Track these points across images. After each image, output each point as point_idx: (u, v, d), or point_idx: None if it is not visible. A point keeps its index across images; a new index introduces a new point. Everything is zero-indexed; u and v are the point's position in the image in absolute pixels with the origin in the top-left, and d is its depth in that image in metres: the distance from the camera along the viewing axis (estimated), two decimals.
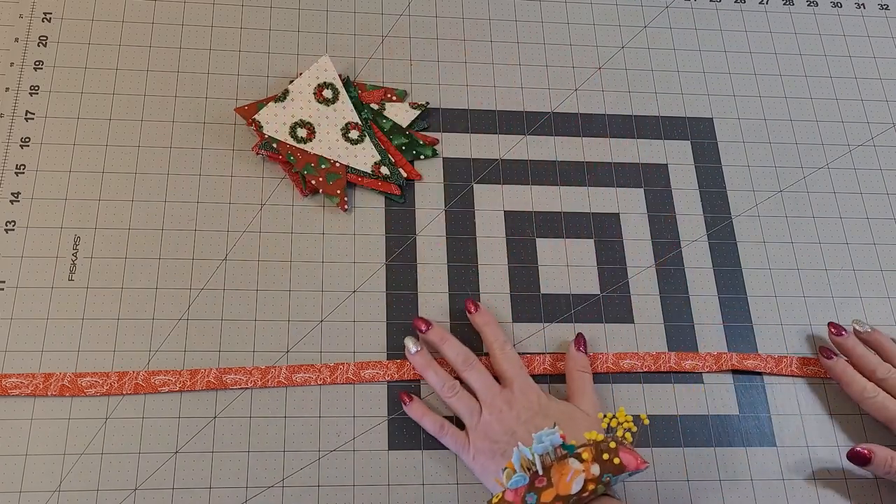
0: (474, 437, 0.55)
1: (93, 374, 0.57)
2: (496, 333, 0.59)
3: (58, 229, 0.61)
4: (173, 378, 0.57)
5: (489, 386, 0.57)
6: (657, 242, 0.66)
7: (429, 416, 0.57)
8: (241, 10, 0.69)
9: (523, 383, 0.57)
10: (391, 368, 0.59)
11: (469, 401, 0.57)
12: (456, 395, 0.57)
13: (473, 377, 0.57)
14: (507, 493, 0.48)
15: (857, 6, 0.78)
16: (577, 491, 0.46)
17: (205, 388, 0.57)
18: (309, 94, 0.65)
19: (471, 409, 0.56)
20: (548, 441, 0.47)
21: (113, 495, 0.54)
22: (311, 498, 0.56)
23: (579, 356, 0.59)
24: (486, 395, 0.56)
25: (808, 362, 0.63)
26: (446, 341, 0.59)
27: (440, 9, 0.72)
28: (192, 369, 0.58)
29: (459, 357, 0.58)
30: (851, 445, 0.58)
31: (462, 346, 0.58)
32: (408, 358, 0.59)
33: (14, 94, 0.64)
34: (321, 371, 0.59)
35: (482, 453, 0.54)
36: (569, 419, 0.55)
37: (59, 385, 0.56)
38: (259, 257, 0.62)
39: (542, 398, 0.56)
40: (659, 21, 0.74)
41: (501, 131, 0.68)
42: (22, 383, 0.56)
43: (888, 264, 0.67)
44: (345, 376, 0.59)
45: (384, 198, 0.65)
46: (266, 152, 0.64)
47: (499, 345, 0.58)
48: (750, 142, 0.71)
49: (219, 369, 0.58)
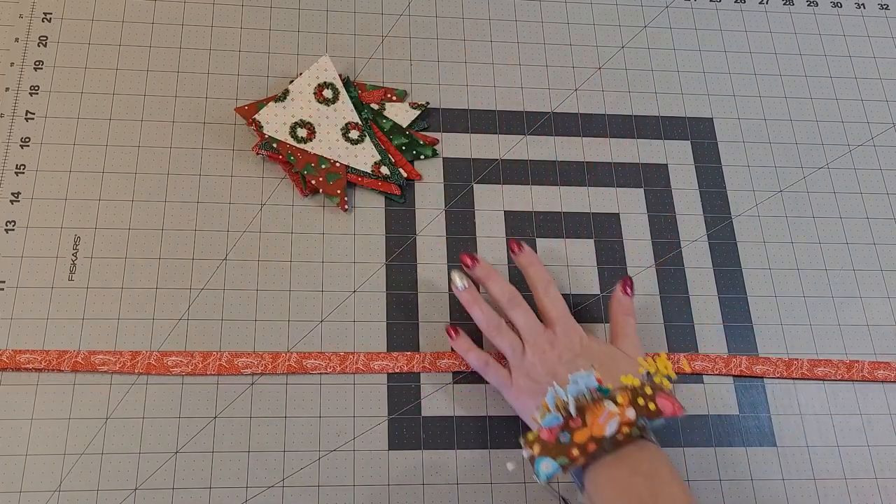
0: (516, 375, 0.55)
1: (105, 352, 0.57)
2: (540, 274, 0.58)
3: (58, 229, 0.61)
4: (185, 360, 0.57)
5: (533, 325, 0.57)
6: (657, 242, 0.66)
7: (474, 352, 0.57)
8: (241, 10, 0.70)
9: (566, 324, 0.57)
10: (401, 360, 0.59)
11: (513, 338, 0.57)
12: (500, 332, 0.57)
13: (518, 315, 0.57)
14: (542, 432, 0.48)
15: (857, 6, 0.78)
16: (611, 433, 0.47)
17: (216, 373, 0.57)
18: (309, 94, 0.65)
19: (514, 347, 0.56)
20: (583, 383, 0.48)
21: (113, 495, 0.54)
22: (311, 498, 0.56)
23: (625, 299, 0.59)
24: (530, 335, 0.56)
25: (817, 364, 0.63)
26: (492, 278, 0.58)
27: (440, 9, 0.72)
28: (203, 352, 0.58)
29: (505, 295, 0.58)
30: (851, 444, 0.58)
31: (507, 284, 0.58)
32: (454, 293, 0.59)
33: (14, 94, 0.64)
34: (331, 359, 0.59)
35: (523, 391, 0.55)
36: (611, 360, 0.54)
37: (73, 362, 0.56)
38: (259, 257, 0.62)
39: (585, 339, 0.56)
40: (659, 21, 0.74)
41: (501, 131, 0.68)
42: (35, 359, 0.56)
43: (888, 264, 0.67)
44: (354, 366, 0.59)
45: (384, 198, 0.65)
46: (266, 152, 0.64)
47: (543, 286, 0.58)
48: (750, 142, 0.71)
49: (230, 353, 0.58)
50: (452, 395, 0.59)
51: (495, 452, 0.58)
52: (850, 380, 0.63)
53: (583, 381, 0.48)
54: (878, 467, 0.60)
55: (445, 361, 0.60)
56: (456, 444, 0.58)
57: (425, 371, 0.59)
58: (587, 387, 0.48)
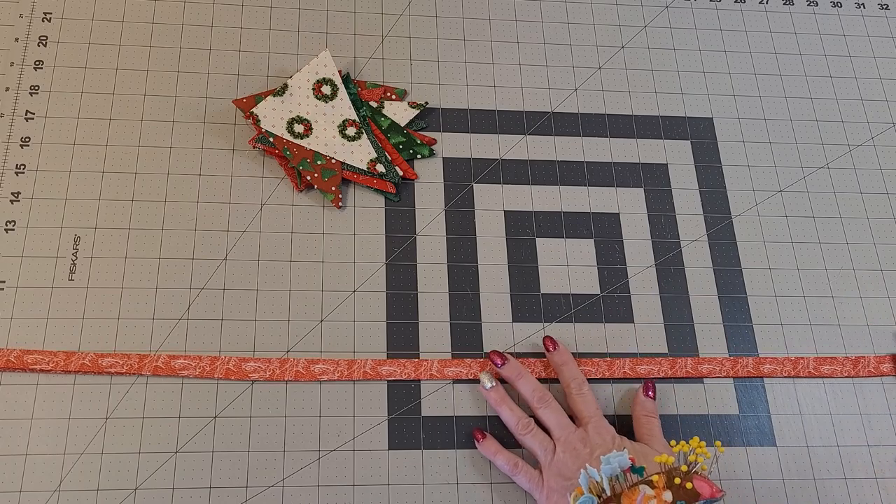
0: (548, 475, 0.55)
1: (112, 354, 0.57)
2: (574, 373, 0.59)
3: (58, 229, 0.61)
4: (193, 363, 0.57)
5: (564, 425, 0.56)
6: (657, 242, 0.66)
7: (502, 454, 0.57)
8: (241, 10, 0.69)
9: (599, 424, 0.56)
10: (409, 367, 0.59)
11: (543, 438, 0.56)
12: (531, 432, 0.56)
13: (548, 415, 0.57)
14: None
15: (857, 6, 0.78)
16: None
17: (223, 377, 0.57)
18: (307, 90, 0.65)
19: (545, 447, 0.56)
20: (616, 462, 0.47)
21: (113, 495, 0.54)
22: (311, 498, 0.56)
23: (647, 402, 0.59)
24: (561, 433, 0.56)
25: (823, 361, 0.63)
26: (522, 377, 0.58)
27: (440, 9, 0.72)
28: (211, 356, 0.58)
29: (536, 394, 0.57)
30: (851, 445, 0.58)
31: (538, 383, 0.58)
32: (482, 393, 0.59)
33: (14, 94, 0.64)
34: (339, 364, 0.59)
35: (556, 492, 0.54)
36: (643, 458, 0.55)
37: (80, 363, 0.56)
38: (259, 257, 0.62)
39: (617, 439, 0.56)
40: (659, 21, 0.74)
41: (501, 131, 0.68)
42: (42, 360, 0.56)
43: (888, 264, 0.67)
44: (362, 371, 0.59)
45: (384, 198, 0.65)
46: (263, 146, 0.64)
47: (576, 385, 0.58)
48: (750, 142, 0.71)
49: (238, 357, 0.58)
50: (452, 395, 0.59)
51: None
52: (856, 376, 0.63)
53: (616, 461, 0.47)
54: (878, 467, 0.60)
55: (453, 370, 0.60)
56: (456, 444, 0.58)
57: (433, 379, 0.59)
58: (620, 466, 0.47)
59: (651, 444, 0.57)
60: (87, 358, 0.57)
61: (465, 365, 0.60)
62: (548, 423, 0.57)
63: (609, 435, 0.56)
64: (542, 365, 0.61)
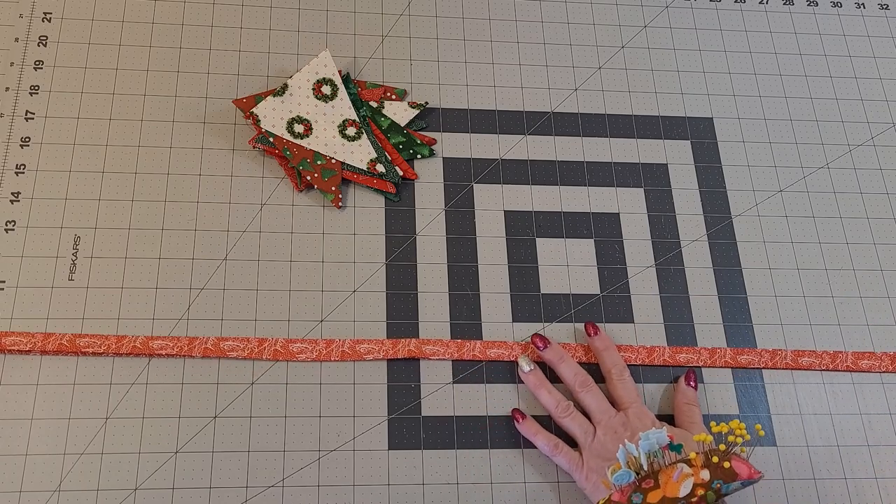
0: (588, 457, 0.55)
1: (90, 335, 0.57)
2: (615, 359, 0.59)
3: (58, 229, 0.61)
4: (171, 343, 0.57)
5: (605, 409, 0.57)
6: (657, 242, 0.66)
7: (542, 435, 0.57)
8: (241, 10, 0.69)
9: (639, 409, 0.57)
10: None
11: (583, 421, 0.57)
12: (570, 414, 0.57)
13: (590, 399, 0.57)
14: (614, 494, 0.48)
15: (857, 6, 0.78)
16: (685, 494, 0.46)
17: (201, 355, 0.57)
18: (307, 91, 0.65)
19: (585, 429, 0.56)
20: (654, 439, 0.47)
21: (113, 495, 0.54)
22: (311, 498, 0.56)
23: (689, 390, 0.59)
24: (602, 416, 0.56)
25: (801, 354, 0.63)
26: (564, 361, 0.59)
27: (440, 9, 0.72)
28: (189, 337, 0.58)
29: (578, 378, 0.58)
30: (851, 444, 0.58)
31: (579, 367, 0.59)
32: (521, 376, 0.59)
33: (14, 94, 0.64)
34: (317, 344, 0.59)
35: (595, 472, 0.54)
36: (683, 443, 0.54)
37: (58, 344, 0.56)
38: (259, 257, 0.62)
39: (657, 423, 0.56)
40: (659, 21, 0.74)
41: (501, 131, 0.68)
42: (21, 341, 0.56)
43: (888, 264, 0.67)
44: (340, 350, 0.59)
45: (384, 198, 0.65)
46: (263, 146, 0.64)
47: (617, 371, 0.58)
48: (750, 142, 0.71)
49: (216, 337, 0.58)
50: (452, 395, 0.59)
51: (495, 452, 0.58)
52: (834, 369, 0.63)
53: (654, 437, 0.47)
54: (878, 467, 0.60)
55: (430, 348, 0.60)
56: (456, 444, 0.58)
57: (411, 356, 0.59)
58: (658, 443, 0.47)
59: (692, 431, 0.57)
60: (64, 339, 0.57)
61: (507, 347, 0.60)
62: (589, 406, 0.57)
63: (649, 420, 0.56)
64: (582, 350, 0.61)
